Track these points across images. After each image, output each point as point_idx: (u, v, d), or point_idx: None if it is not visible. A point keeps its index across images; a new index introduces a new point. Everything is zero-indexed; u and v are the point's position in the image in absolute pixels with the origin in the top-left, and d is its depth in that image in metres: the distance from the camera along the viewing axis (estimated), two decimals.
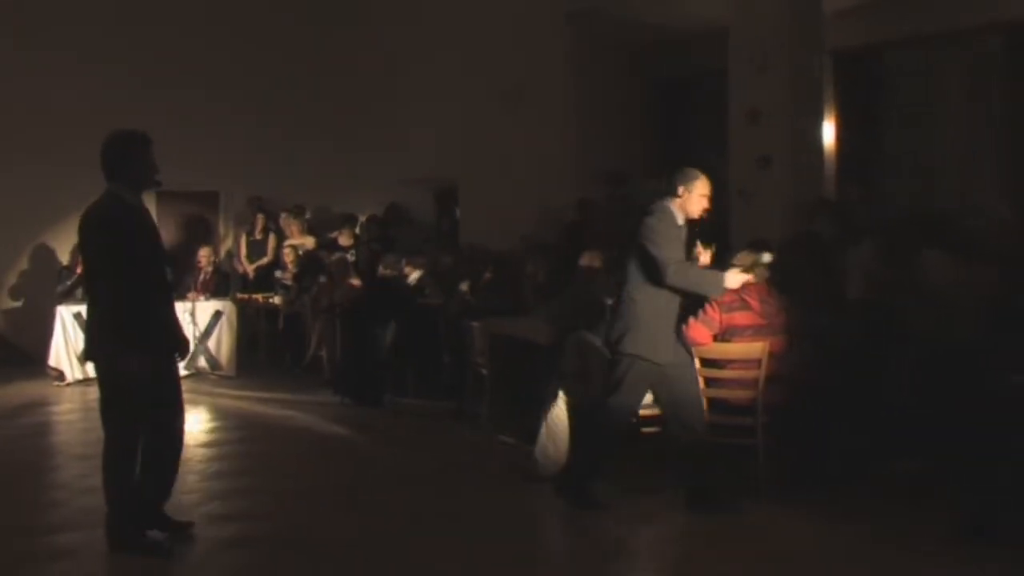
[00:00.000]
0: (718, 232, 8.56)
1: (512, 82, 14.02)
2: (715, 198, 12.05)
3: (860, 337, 8.10)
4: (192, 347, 11.52)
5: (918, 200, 11.89)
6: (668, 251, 7.03)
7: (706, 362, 7.54)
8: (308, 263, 14.39)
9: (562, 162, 13.54)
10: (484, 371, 9.84)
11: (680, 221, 7.18)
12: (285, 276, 14.71)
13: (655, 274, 7.04)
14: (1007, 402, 6.58)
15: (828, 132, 12.47)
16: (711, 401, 7.50)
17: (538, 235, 12.28)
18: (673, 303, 7.19)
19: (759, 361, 7.38)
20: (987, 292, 7.82)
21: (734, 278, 7.13)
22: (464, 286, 11.37)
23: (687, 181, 7.19)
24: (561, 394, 7.97)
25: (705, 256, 7.31)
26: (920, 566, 6.11)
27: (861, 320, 8.34)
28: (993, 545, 6.32)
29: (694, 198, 7.18)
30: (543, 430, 8.00)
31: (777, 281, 7.79)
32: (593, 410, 7.39)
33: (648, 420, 7.93)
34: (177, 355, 6.60)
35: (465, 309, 10.73)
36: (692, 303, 7.47)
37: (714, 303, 7.53)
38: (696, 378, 7.39)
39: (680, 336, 7.34)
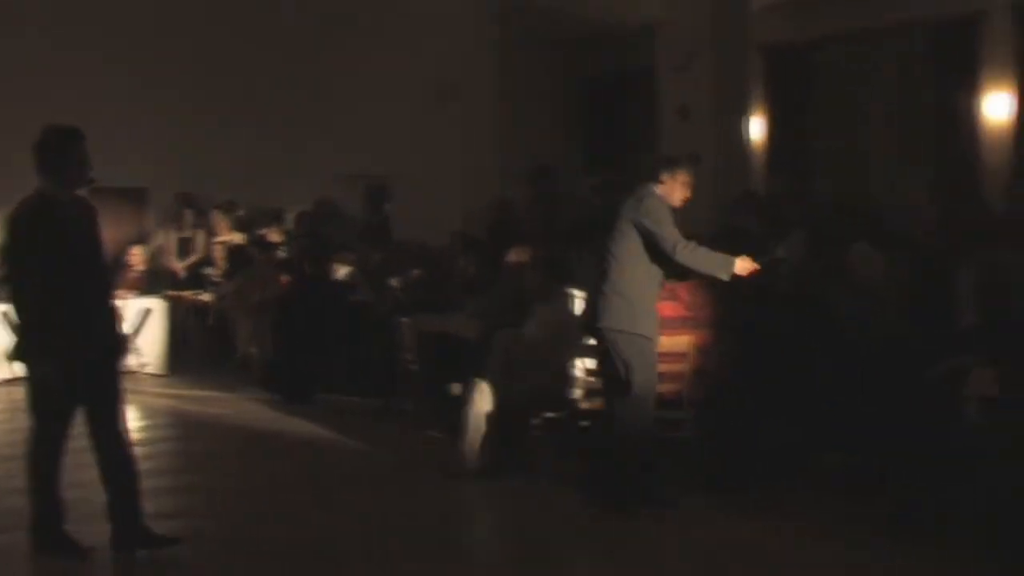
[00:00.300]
0: None
1: (443, 79, 14.00)
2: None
3: (789, 330, 8.17)
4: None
5: (847, 194, 12.02)
6: (671, 230, 7.02)
7: None
8: (237, 259, 14.27)
9: (490, 158, 13.55)
10: (413, 367, 9.82)
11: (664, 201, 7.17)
12: (215, 273, 14.58)
13: (654, 253, 7.01)
14: (933, 393, 6.66)
15: (756, 127, 12.57)
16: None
17: (468, 231, 12.28)
18: (657, 287, 7.18)
19: (685, 355, 7.41)
20: (913, 285, 7.93)
21: (744, 264, 7.05)
22: (394, 282, 11.34)
23: (671, 168, 7.19)
24: (485, 389, 7.96)
25: None
26: (851, 559, 6.16)
27: (790, 314, 8.40)
28: (923, 535, 6.37)
29: (677, 186, 7.19)
30: (468, 425, 8.00)
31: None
32: (622, 406, 7.08)
33: (585, 414, 7.97)
34: (112, 355, 6.47)
35: (395, 305, 10.70)
36: None
37: None
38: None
39: None
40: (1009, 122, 11.13)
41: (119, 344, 6.52)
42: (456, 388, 8.50)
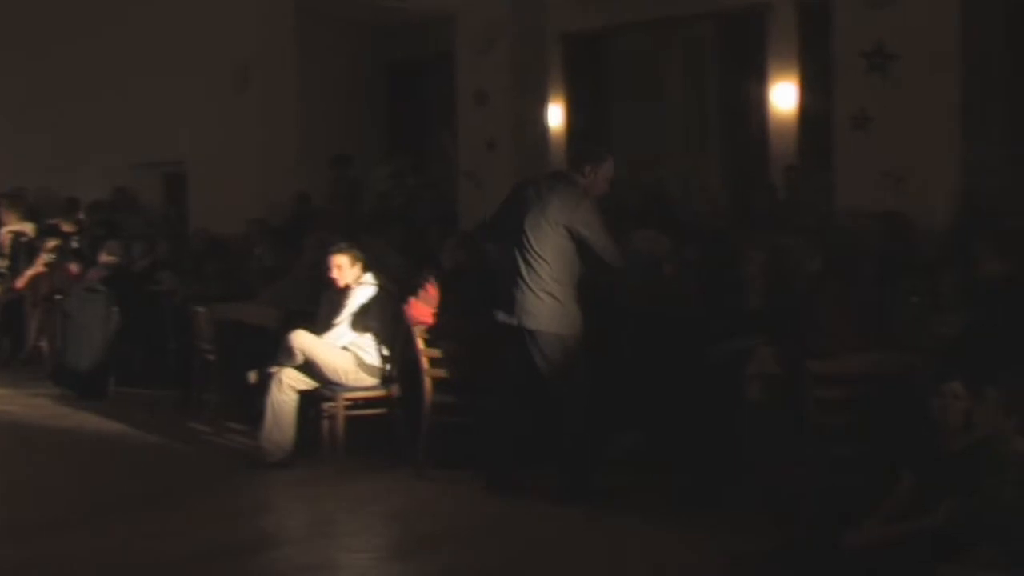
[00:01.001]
0: None
1: (239, 63, 13.76)
2: (446, 180, 12.26)
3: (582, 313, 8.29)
4: None
5: (644, 180, 12.29)
6: (607, 235, 6.88)
7: (428, 341, 7.59)
8: (25, 249, 13.78)
9: (291, 144, 13.39)
10: (211, 357, 9.65)
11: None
12: (1, 264, 14.03)
13: (581, 254, 6.85)
14: (719, 372, 6.85)
15: (555, 114, 12.75)
16: (434, 380, 7.58)
17: (266, 219, 12.11)
18: (577, 282, 6.99)
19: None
20: (699, 266, 8.15)
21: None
22: (190, 271, 11.11)
23: (596, 161, 6.98)
24: (285, 379, 7.88)
25: None
26: (645, 531, 6.29)
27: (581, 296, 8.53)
28: (711, 507, 6.55)
29: (599, 182, 6.97)
30: (268, 415, 7.90)
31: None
32: (563, 403, 6.93)
33: (372, 401, 7.97)
34: None
35: (191, 294, 10.48)
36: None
37: (433, 280, 7.59)
38: None
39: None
40: (793, 111, 11.56)
41: None
42: (253, 376, 8.37)
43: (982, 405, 4.67)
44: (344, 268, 8.07)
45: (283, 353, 7.99)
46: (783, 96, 11.66)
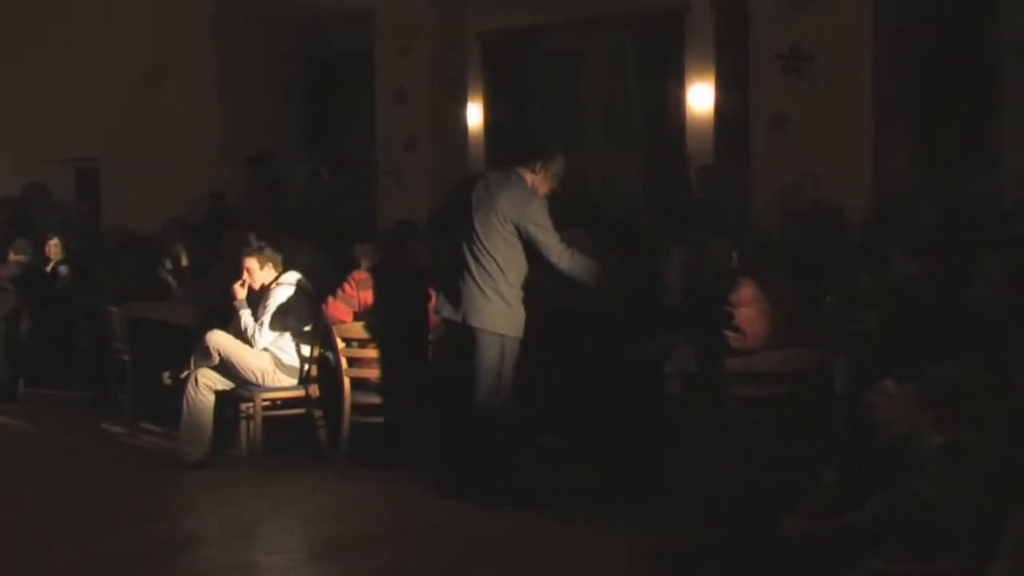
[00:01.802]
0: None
1: (155, 58, 13.60)
2: (367, 179, 12.21)
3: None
4: None
5: (564, 181, 12.31)
6: (555, 235, 6.71)
7: (346, 341, 7.56)
8: None
9: (210, 141, 13.26)
10: (126, 357, 9.51)
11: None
12: None
13: (530, 254, 6.71)
14: (641, 370, 6.89)
15: (475, 113, 12.76)
16: (353, 380, 7.54)
17: (183, 217, 11.97)
18: (525, 282, 6.84)
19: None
20: (620, 265, 8.18)
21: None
22: (104, 270, 10.93)
23: (546, 157, 6.83)
24: (202, 379, 7.79)
25: None
26: (571, 530, 6.30)
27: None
28: (635, 504, 6.59)
29: (549, 178, 6.84)
30: (185, 416, 7.81)
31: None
32: (483, 404, 6.78)
33: (291, 402, 7.91)
34: None
35: (104, 293, 10.31)
36: None
37: (351, 280, 7.55)
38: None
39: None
40: (711, 112, 11.67)
41: None
42: (168, 377, 8.27)
43: (900, 402, 4.74)
44: (254, 271, 8.00)
45: (200, 353, 7.91)
46: (701, 97, 11.77)
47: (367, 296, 7.54)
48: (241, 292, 7.97)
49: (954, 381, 4.77)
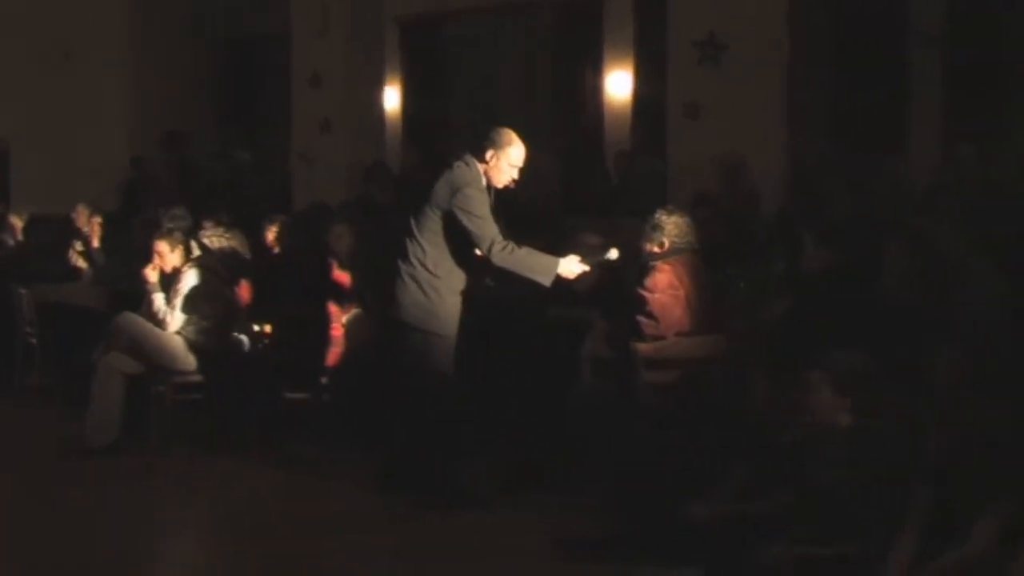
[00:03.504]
0: None
1: (63, 37, 13.37)
2: (280, 162, 12.11)
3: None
4: None
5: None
6: (488, 226, 6.26)
7: (258, 324, 7.51)
8: None
9: (120, 122, 13.08)
10: (34, 340, 9.36)
11: (483, 185, 6.39)
12: None
13: (468, 245, 6.33)
14: (554, 354, 6.91)
15: (392, 97, 12.71)
16: (264, 364, 7.51)
17: (95, 199, 11.78)
18: (463, 276, 6.46)
19: None
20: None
21: (570, 266, 6.36)
22: (10, 251, 10.73)
23: (499, 146, 6.35)
24: (111, 362, 7.68)
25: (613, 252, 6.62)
26: (468, 524, 6.23)
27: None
28: (548, 489, 6.56)
29: (502, 167, 6.37)
30: (93, 400, 7.69)
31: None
32: (419, 403, 6.47)
33: (201, 386, 7.83)
34: None
35: (12, 275, 10.12)
36: None
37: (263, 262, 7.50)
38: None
39: None
40: (628, 99, 11.73)
41: None
42: (80, 360, 8.14)
43: (810, 389, 4.79)
44: (164, 254, 7.89)
45: (110, 336, 7.79)
46: (618, 84, 11.82)
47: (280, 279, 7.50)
48: (153, 275, 7.85)
49: (865, 368, 4.82)
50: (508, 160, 6.37)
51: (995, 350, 4.88)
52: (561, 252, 6.48)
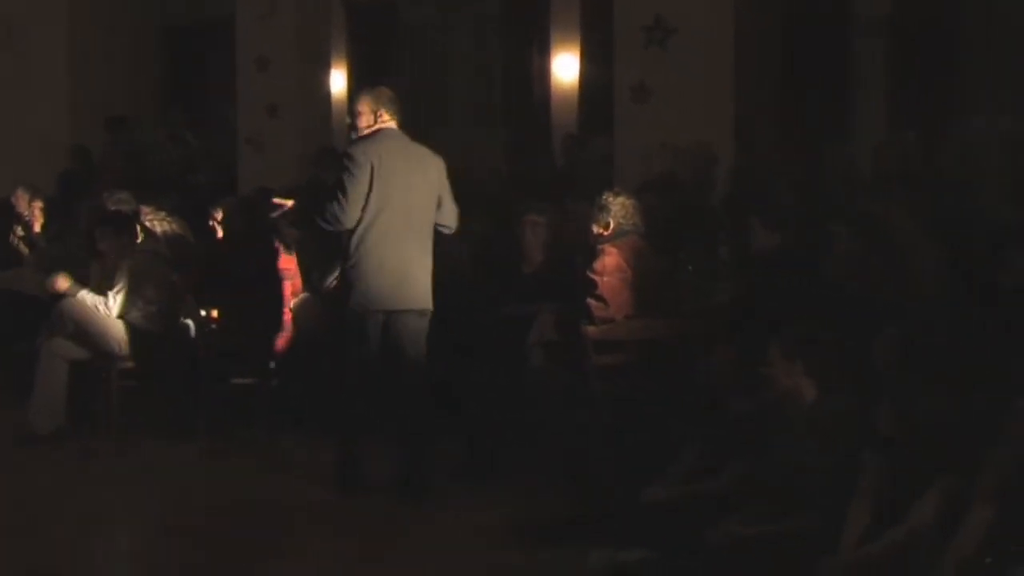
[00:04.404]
0: None
1: (1, 18, 13.15)
2: (226, 146, 12.01)
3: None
4: None
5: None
6: (334, 196, 6.22)
7: (205, 309, 7.46)
8: None
9: (62, 106, 12.89)
10: None
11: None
12: None
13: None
14: (502, 339, 6.91)
15: (339, 81, 12.65)
16: (211, 349, 7.46)
17: (36, 181, 11.63)
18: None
19: None
20: (486, 239, 8.17)
21: None
22: None
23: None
24: (55, 349, 7.60)
25: None
26: (423, 510, 6.21)
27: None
28: (498, 472, 6.56)
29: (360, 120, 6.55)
30: (37, 387, 7.60)
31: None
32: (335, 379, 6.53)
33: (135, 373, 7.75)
34: None
35: None
36: None
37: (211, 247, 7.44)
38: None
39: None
40: (575, 82, 11.75)
41: None
42: (23, 347, 8.04)
43: (769, 365, 4.80)
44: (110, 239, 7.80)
45: (54, 322, 7.69)
46: (565, 67, 11.83)
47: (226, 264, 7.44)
48: (64, 284, 7.71)
49: (822, 341, 4.85)
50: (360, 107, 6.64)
51: (935, 332, 4.93)
52: (509, 233, 6.49)
